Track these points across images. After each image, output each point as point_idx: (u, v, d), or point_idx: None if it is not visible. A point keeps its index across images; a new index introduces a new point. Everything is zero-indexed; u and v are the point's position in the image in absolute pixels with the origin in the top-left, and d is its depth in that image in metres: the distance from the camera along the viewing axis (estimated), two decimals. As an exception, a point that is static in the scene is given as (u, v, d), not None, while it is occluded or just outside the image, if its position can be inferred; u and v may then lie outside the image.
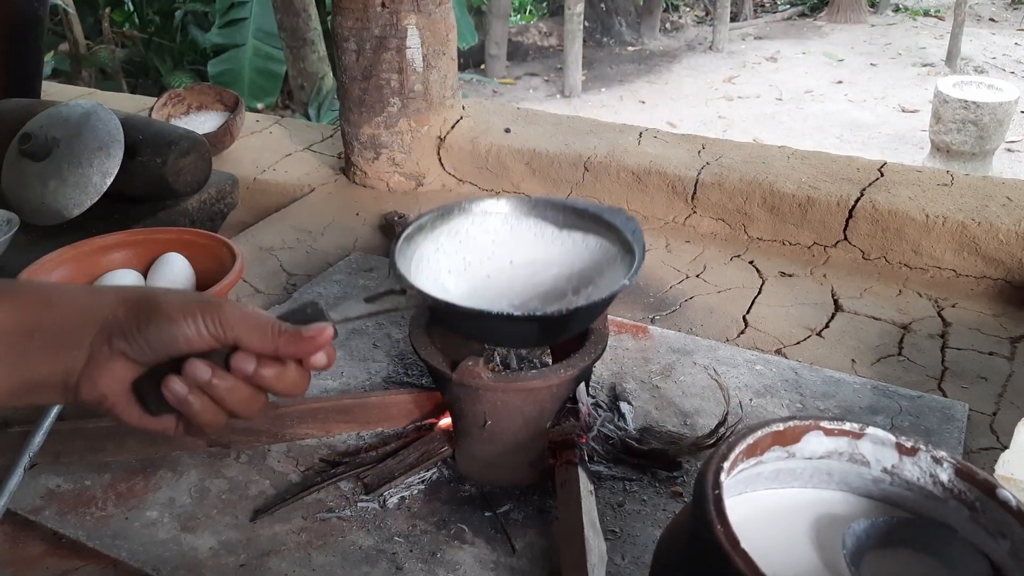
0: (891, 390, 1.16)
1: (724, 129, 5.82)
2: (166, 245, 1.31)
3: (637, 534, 0.94)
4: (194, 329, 0.55)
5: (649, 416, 1.11)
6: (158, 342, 0.55)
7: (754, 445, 0.73)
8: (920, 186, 1.52)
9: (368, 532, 0.94)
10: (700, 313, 1.37)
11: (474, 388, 0.92)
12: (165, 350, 0.55)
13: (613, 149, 1.71)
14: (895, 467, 0.76)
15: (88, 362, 0.55)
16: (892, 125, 5.90)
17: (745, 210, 1.57)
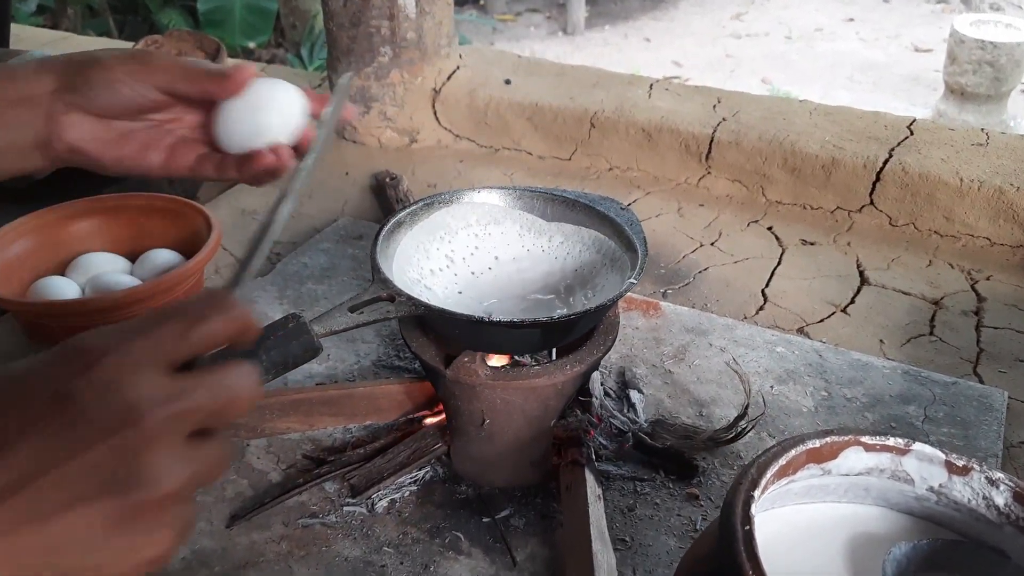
0: (923, 375, 1.07)
1: (732, 69, 5.65)
2: (137, 212, 1.21)
3: (649, 543, 0.86)
4: (127, 75, 0.61)
5: (661, 406, 1.03)
6: (101, 90, 0.61)
7: (787, 465, 0.65)
8: (953, 146, 1.41)
9: (355, 541, 0.86)
10: (715, 286, 1.27)
11: (471, 386, 0.83)
12: (110, 99, 0.62)
13: (621, 103, 1.59)
14: (943, 486, 0.68)
15: (48, 120, 0.61)
16: (904, 65, 5.72)
17: (764, 171, 1.46)
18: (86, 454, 0.35)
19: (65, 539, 0.35)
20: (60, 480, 0.35)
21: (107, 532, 0.36)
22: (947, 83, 4.67)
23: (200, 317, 0.40)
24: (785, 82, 5.36)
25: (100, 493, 0.35)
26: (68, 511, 0.35)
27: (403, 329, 0.88)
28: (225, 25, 4.04)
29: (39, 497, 0.35)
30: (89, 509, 0.35)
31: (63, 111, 0.62)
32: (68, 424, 0.35)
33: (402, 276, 0.85)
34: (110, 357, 0.37)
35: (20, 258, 1.13)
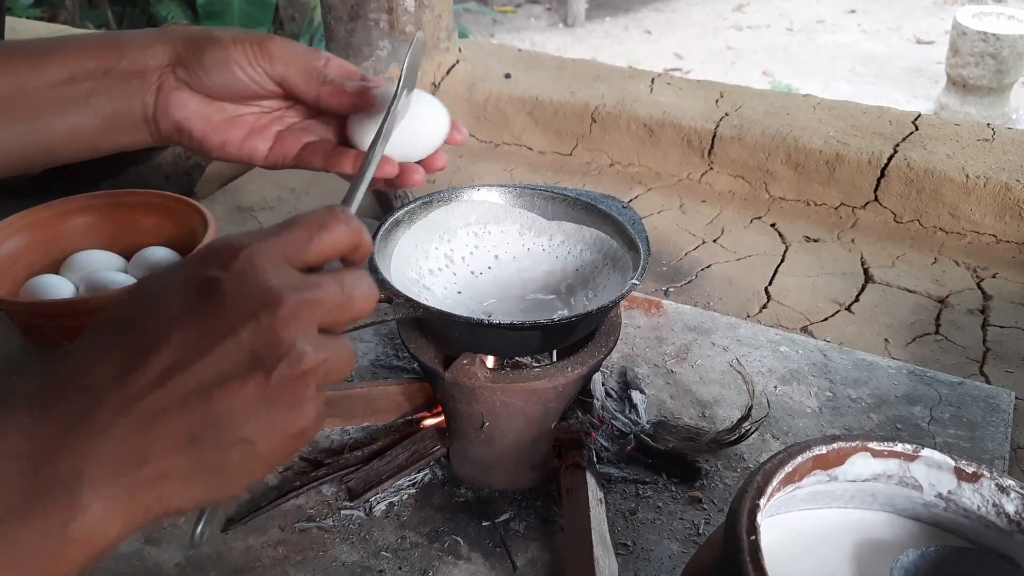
0: (929, 375, 1.05)
1: (733, 61, 5.62)
2: (132, 209, 1.20)
3: (652, 548, 0.84)
4: (243, 58, 0.59)
5: (664, 406, 1.01)
6: (214, 71, 0.59)
7: (792, 472, 0.63)
8: (959, 141, 1.39)
9: (352, 545, 0.84)
10: (718, 284, 1.26)
11: (470, 388, 0.82)
12: (223, 81, 0.60)
13: (623, 97, 1.57)
14: (952, 493, 0.67)
15: (158, 95, 0.59)
16: (906, 57, 5.69)
17: (767, 167, 1.44)
18: (230, 337, 0.37)
19: (218, 418, 0.37)
20: (207, 365, 0.37)
21: (256, 407, 0.38)
22: (949, 75, 4.65)
23: (324, 226, 0.42)
24: (786, 74, 5.34)
25: (247, 371, 0.37)
26: (218, 390, 0.37)
27: (401, 330, 0.87)
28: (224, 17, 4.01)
29: (187, 385, 0.36)
30: (238, 386, 0.37)
31: (173, 87, 0.60)
32: (212, 312, 0.37)
33: (400, 276, 0.83)
34: (246, 251, 0.39)
35: (13, 255, 1.11)
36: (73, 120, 0.60)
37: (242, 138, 0.64)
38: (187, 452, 0.37)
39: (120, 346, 0.37)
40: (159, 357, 0.37)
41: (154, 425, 0.36)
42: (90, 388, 0.36)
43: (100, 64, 0.59)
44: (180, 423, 0.37)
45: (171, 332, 0.37)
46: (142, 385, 0.36)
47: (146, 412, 0.36)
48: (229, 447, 0.38)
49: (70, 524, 0.35)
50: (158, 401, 0.36)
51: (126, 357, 0.37)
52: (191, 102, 0.61)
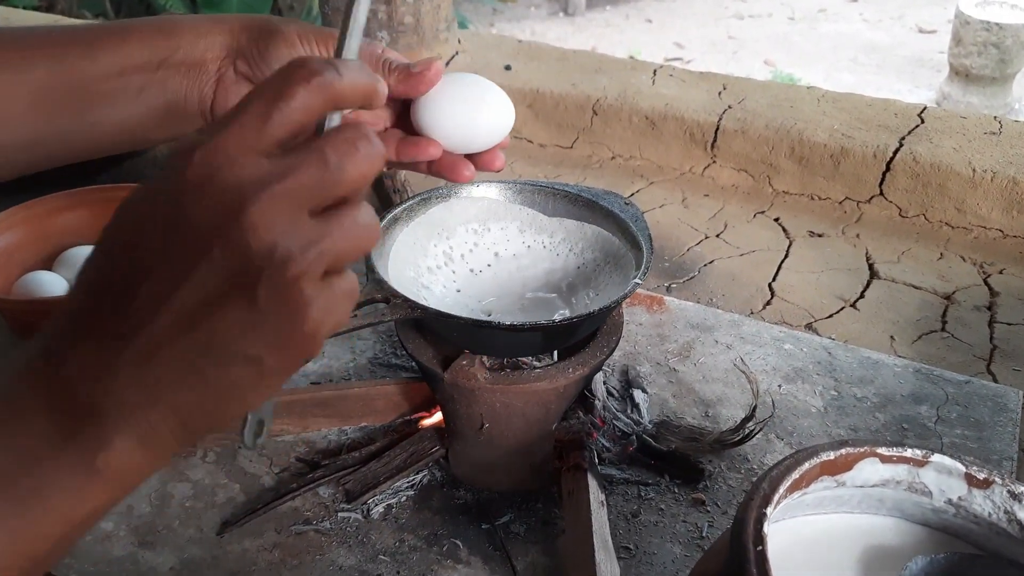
0: (935, 374, 1.03)
1: (734, 51, 5.59)
2: (127, 204, 1.18)
3: (654, 551, 0.83)
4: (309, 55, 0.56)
5: (666, 406, 1.00)
6: (277, 65, 0.53)
7: (800, 479, 0.62)
8: (965, 135, 1.38)
9: (350, 549, 0.83)
10: (721, 280, 1.24)
11: (469, 389, 0.80)
12: None
13: (625, 90, 1.55)
14: (962, 499, 0.65)
15: (217, 87, 0.57)
16: (908, 47, 5.66)
17: (770, 161, 1.43)
18: (203, 262, 0.34)
19: (213, 345, 0.35)
20: (188, 295, 0.35)
21: (249, 327, 0.35)
22: (952, 65, 4.63)
23: (281, 94, 0.36)
24: (788, 64, 5.31)
25: (228, 294, 0.35)
26: (205, 318, 0.35)
27: (399, 330, 0.85)
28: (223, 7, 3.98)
29: (173, 317, 0.35)
30: (223, 311, 0.35)
31: (234, 80, 0.58)
32: (180, 237, 0.34)
33: (398, 275, 0.82)
34: (199, 154, 0.35)
35: (6, 251, 1.09)
36: (124, 113, 0.57)
37: None
38: (194, 381, 0.36)
39: (108, 289, 0.36)
40: (142, 295, 0.35)
41: (153, 360, 0.35)
42: (89, 333, 0.35)
43: (153, 55, 0.57)
44: (178, 355, 0.35)
45: (150, 267, 0.35)
46: (132, 324, 0.35)
47: (143, 349, 0.35)
48: (235, 368, 0.36)
49: (96, 461, 0.35)
50: (151, 337, 0.35)
51: (115, 298, 0.35)
52: None
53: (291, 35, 0.57)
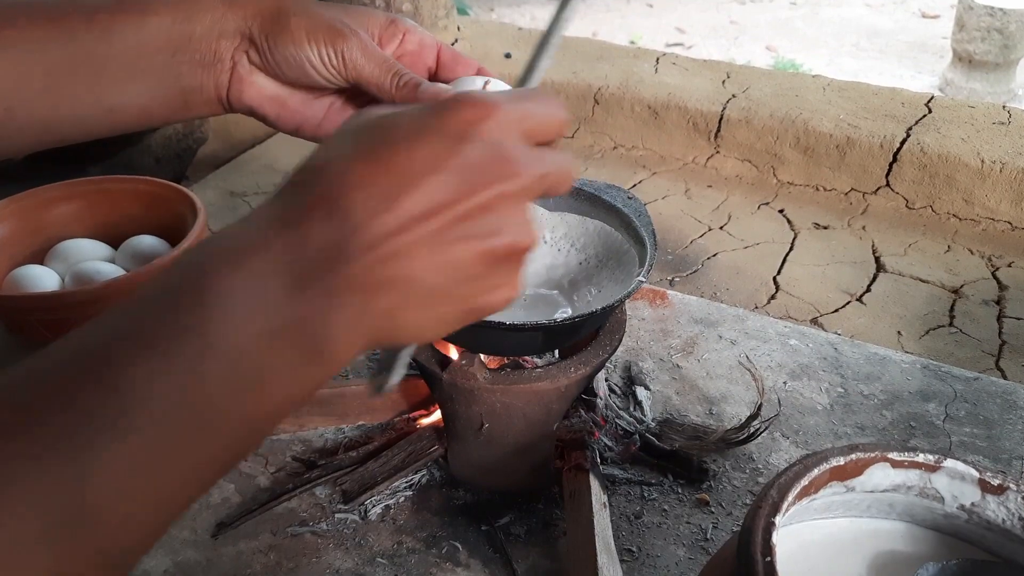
0: (943, 370, 1.02)
1: (736, 36, 5.54)
2: (120, 196, 1.15)
3: (658, 554, 0.81)
4: (317, 59, 0.55)
5: (669, 403, 0.98)
6: (285, 64, 0.56)
7: (809, 486, 0.60)
8: (973, 124, 1.35)
9: (347, 551, 0.81)
10: (725, 274, 1.22)
11: (468, 389, 0.78)
12: (296, 74, 0.56)
13: (627, 78, 1.52)
14: (975, 505, 0.63)
15: (232, 76, 0.56)
16: (911, 32, 5.60)
17: (775, 151, 1.40)
18: (476, 196, 0.38)
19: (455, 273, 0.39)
20: (452, 221, 0.38)
21: (488, 267, 0.39)
22: (955, 50, 4.58)
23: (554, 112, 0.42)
24: (790, 49, 5.26)
25: (488, 235, 0.39)
26: (462, 244, 0.38)
27: (397, 329, 0.83)
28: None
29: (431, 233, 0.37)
30: (478, 245, 0.39)
31: (247, 70, 0.57)
32: (460, 170, 0.38)
33: None
34: (496, 117, 0.40)
35: (-3, 245, 1.07)
36: (141, 97, 0.56)
37: (317, 124, 0.61)
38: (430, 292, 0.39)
39: (381, 181, 0.37)
40: (410, 201, 0.37)
41: (400, 263, 0.37)
42: (345, 216, 0.36)
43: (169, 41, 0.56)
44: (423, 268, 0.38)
45: (422, 179, 0.37)
46: (400, 221, 0.37)
47: (398, 247, 0.37)
48: (459, 300, 0.40)
49: (323, 348, 0.36)
50: (407, 243, 0.37)
51: (385, 191, 0.37)
52: (265, 87, 0.58)
53: (299, 36, 0.56)
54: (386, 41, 0.59)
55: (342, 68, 0.56)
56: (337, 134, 0.40)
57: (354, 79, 0.56)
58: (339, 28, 0.55)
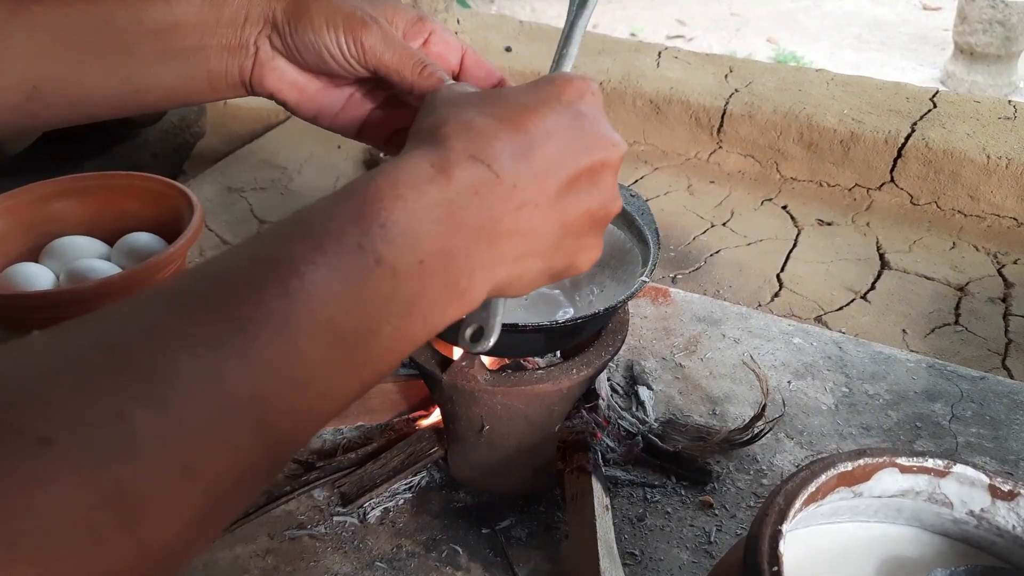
0: (949, 369, 1.00)
1: (737, 28, 5.51)
2: (116, 192, 1.14)
3: (661, 557, 0.80)
4: (335, 46, 0.55)
5: (672, 403, 0.97)
6: (304, 50, 0.55)
7: (816, 492, 0.59)
8: (979, 119, 1.34)
9: (345, 555, 0.80)
10: (728, 271, 1.21)
11: (469, 391, 0.77)
12: (315, 61, 0.56)
13: (629, 72, 1.51)
14: (985, 511, 0.62)
15: (255, 60, 0.57)
16: (913, 24, 5.58)
17: (778, 146, 1.39)
18: (589, 158, 0.44)
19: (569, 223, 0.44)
20: (574, 179, 0.43)
21: (588, 227, 0.45)
22: (956, 43, 4.56)
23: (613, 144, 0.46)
24: (791, 42, 5.23)
25: (593, 196, 0.44)
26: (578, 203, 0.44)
27: (396, 329, 0.81)
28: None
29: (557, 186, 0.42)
30: (586, 204, 0.44)
31: (269, 56, 0.57)
32: (579, 136, 0.43)
33: None
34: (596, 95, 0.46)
35: (-10, 242, 1.06)
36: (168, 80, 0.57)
37: (336, 112, 0.61)
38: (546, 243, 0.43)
39: (511, 138, 0.41)
40: (540, 157, 0.42)
41: (531, 211, 0.41)
42: (489, 166, 0.40)
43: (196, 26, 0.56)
44: (545, 219, 0.42)
45: (550, 138, 0.42)
46: (528, 175, 0.41)
47: (527, 198, 0.41)
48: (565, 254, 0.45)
49: (461, 281, 0.39)
50: (536, 195, 0.41)
51: (516, 147, 0.41)
52: (287, 72, 0.58)
53: (319, 20, 0.55)
54: (411, 38, 0.58)
55: (361, 56, 0.55)
56: (443, 102, 0.44)
57: (374, 67, 0.56)
58: (359, 16, 0.55)
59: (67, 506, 0.26)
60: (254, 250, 0.35)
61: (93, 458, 0.27)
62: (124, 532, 0.27)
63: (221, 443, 0.30)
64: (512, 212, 0.41)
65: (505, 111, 0.43)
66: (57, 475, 0.26)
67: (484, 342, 0.49)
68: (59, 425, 0.27)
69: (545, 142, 0.42)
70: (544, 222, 0.42)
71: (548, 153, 0.42)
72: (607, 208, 0.45)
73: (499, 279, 0.42)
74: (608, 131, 0.45)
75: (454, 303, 0.39)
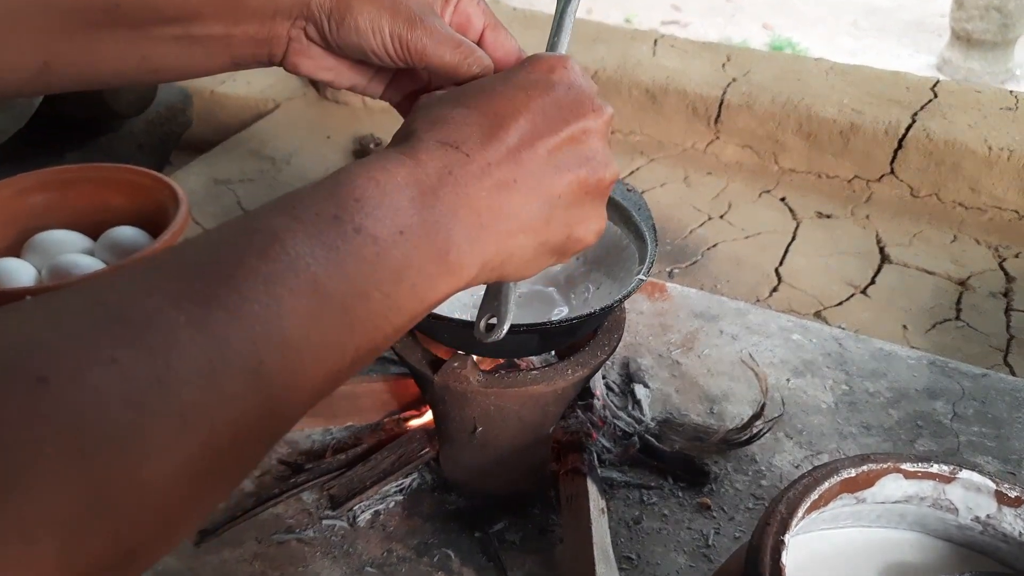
0: (951, 366, 0.99)
1: (732, 13, 5.48)
2: (98, 185, 1.11)
3: (658, 562, 0.78)
4: (380, 48, 0.54)
5: (669, 401, 0.95)
6: (348, 48, 0.55)
7: (819, 500, 0.57)
8: (980, 110, 1.31)
9: (335, 560, 0.78)
10: (725, 265, 1.19)
11: (461, 393, 0.75)
12: (356, 56, 0.56)
13: (624, 61, 1.48)
14: (991, 517, 0.61)
15: (288, 48, 0.56)
16: (910, 10, 5.55)
17: (776, 137, 1.36)
18: (566, 128, 0.44)
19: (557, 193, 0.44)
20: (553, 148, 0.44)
21: (580, 197, 0.45)
22: (953, 29, 4.55)
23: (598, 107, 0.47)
24: (787, 28, 5.20)
25: (579, 165, 0.45)
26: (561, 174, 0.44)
27: (386, 329, 0.79)
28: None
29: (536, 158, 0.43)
30: (572, 173, 0.44)
31: (304, 46, 0.57)
32: (551, 106, 0.44)
33: None
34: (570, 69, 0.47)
35: (-31, 237, 1.03)
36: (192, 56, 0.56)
37: (368, 81, 0.61)
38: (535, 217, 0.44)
39: (479, 121, 0.43)
40: (513, 132, 0.42)
41: (510, 187, 0.42)
42: (457, 148, 0.41)
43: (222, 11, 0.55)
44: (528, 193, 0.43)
45: (519, 115, 0.43)
46: (501, 153, 0.42)
47: (504, 175, 0.42)
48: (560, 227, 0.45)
49: (448, 254, 0.40)
50: (513, 170, 0.42)
51: (485, 129, 0.42)
52: (323, 60, 0.58)
53: (364, 23, 0.54)
54: (441, 11, 0.56)
55: (407, 57, 0.54)
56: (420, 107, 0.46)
57: (417, 63, 0.55)
58: (404, 15, 0.53)
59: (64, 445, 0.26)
60: (235, 225, 0.36)
61: (89, 399, 0.27)
62: (123, 472, 0.27)
63: (215, 393, 0.31)
64: (490, 189, 0.41)
65: (474, 100, 0.44)
66: (54, 413, 0.26)
67: (498, 330, 0.50)
68: (55, 367, 0.27)
69: (516, 120, 0.43)
70: (526, 198, 0.43)
71: (521, 129, 0.43)
72: (599, 174, 0.46)
73: (490, 255, 0.42)
74: (587, 98, 0.46)
75: (444, 276, 0.40)
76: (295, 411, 0.35)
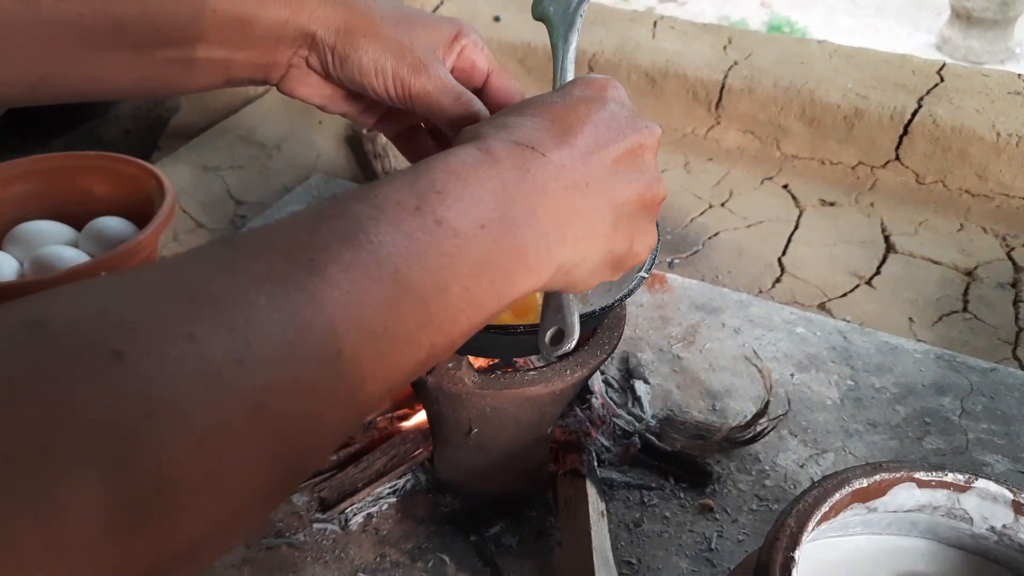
0: (959, 361, 0.96)
1: (731, -6, 5.42)
2: (82, 174, 1.07)
3: (659, 566, 0.76)
4: (381, 88, 0.55)
5: (670, 398, 0.92)
6: (348, 82, 0.56)
7: (829, 511, 0.55)
8: (988, 95, 1.28)
9: (326, 565, 0.76)
10: (727, 255, 1.16)
11: (455, 394, 0.72)
12: (356, 89, 0.57)
13: (623, 44, 1.44)
14: (1007, 527, 0.59)
15: (286, 74, 0.57)
16: (909, -12, 5.50)
17: (779, 122, 1.33)
18: (624, 140, 0.45)
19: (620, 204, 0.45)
20: (615, 158, 0.45)
21: (640, 209, 0.46)
22: (953, 7, 4.52)
23: None
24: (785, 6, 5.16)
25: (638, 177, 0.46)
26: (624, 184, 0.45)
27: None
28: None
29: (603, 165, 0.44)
30: (634, 186, 0.45)
31: (303, 73, 0.58)
32: (613, 120, 0.46)
33: None
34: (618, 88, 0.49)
35: (-52, 229, 1.00)
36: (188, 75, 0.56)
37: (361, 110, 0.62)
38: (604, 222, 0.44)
39: (549, 128, 0.44)
40: (582, 138, 0.44)
41: (583, 190, 0.43)
42: (534, 148, 0.42)
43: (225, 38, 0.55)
44: (596, 202, 0.44)
45: (585, 124, 0.45)
46: (574, 156, 0.43)
47: (577, 178, 0.43)
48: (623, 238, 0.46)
49: (527, 251, 0.40)
50: (585, 171, 0.43)
51: (555, 134, 0.43)
52: (320, 87, 0.59)
53: (367, 63, 0.55)
54: (444, 56, 0.57)
55: (407, 100, 0.56)
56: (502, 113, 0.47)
57: (420, 110, 0.56)
58: (409, 61, 0.55)
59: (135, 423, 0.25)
60: (313, 212, 0.35)
61: (165, 375, 0.26)
62: (193, 454, 0.26)
63: (291, 378, 0.30)
64: (565, 190, 0.42)
65: (538, 110, 0.45)
66: (129, 388, 0.25)
67: (567, 341, 0.50)
68: (131, 341, 0.26)
69: (583, 128, 0.44)
70: (597, 202, 0.43)
71: (588, 138, 0.44)
72: (654, 190, 0.47)
73: (563, 258, 0.42)
74: (637, 116, 0.47)
75: (522, 274, 0.40)
76: (366, 406, 0.34)
